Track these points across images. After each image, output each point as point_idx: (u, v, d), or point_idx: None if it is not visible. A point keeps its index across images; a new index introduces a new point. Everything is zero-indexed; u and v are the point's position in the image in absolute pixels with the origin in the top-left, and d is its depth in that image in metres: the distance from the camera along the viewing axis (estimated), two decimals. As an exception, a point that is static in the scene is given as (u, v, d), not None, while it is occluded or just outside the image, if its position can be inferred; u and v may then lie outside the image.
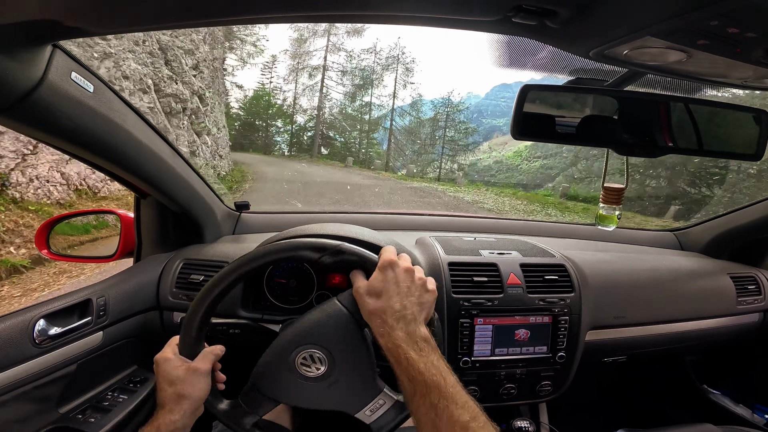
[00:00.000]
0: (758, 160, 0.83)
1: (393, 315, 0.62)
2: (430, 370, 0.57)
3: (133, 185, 1.01)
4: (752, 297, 1.31)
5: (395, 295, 0.63)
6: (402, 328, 0.61)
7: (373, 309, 0.63)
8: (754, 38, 0.44)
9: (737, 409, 1.38)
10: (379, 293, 0.64)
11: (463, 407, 0.55)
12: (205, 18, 0.59)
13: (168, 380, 0.66)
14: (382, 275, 0.65)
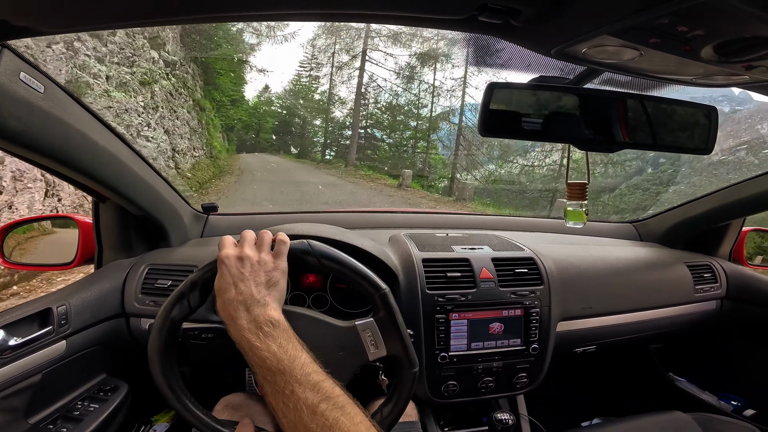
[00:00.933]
0: (708, 154, 0.88)
1: (231, 305, 0.60)
2: (276, 354, 0.55)
3: (90, 189, 0.96)
4: (708, 285, 1.38)
5: (230, 286, 0.61)
6: (243, 316, 0.59)
7: (218, 307, 0.62)
8: (702, 36, 0.46)
9: (703, 396, 1.44)
10: (218, 291, 0.63)
11: (312, 389, 0.52)
12: (160, 17, 0.58)
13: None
14: (219, 273, 0.64)
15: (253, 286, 0.61)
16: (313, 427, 0.50)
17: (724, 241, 1.51)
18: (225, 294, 0.61)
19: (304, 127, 26.42)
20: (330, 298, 1.06)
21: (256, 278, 0.62)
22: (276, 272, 0.65)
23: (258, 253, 0.66)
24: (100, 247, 1.11)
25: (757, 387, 1.39)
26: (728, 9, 0.39)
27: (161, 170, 1.07)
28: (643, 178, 12.95)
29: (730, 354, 1.49)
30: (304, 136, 26.37)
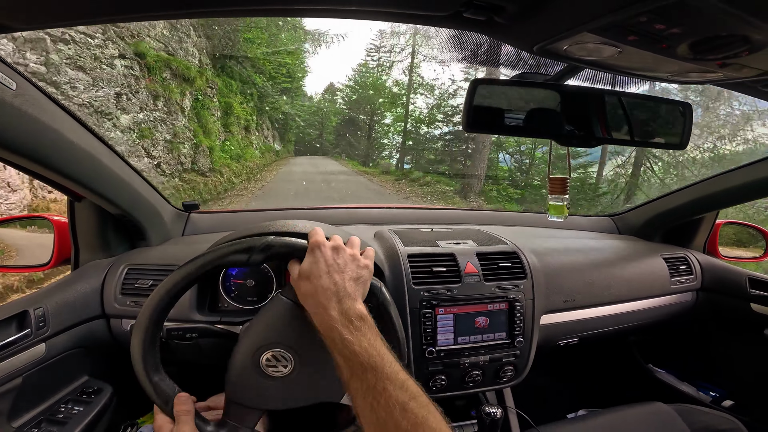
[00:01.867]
0: (684, 149, 0.91)
1: (324, 294, 0.61)
2: (367, 350, 0.56)
3: (65, 188, 0.93)
4: (684, 277, 1.42)
5: (324, 274, 0.62)
6: (335, 307, 0.59)
7: (305, 291, 0.63)
8: (679, 34, 0.48)
9: (682, 387, 1.48)
10: (308, 275, 0.63)
11: (401, 387, 0.53)
12: (137, 12, 0.56)
13: None
14: (311, 257, 0.65)
15: (347, 279, 0.63)
16: (404, 425, 0.50)
17: (699, 233, 1.56)
18: (318, 280, 0.61)
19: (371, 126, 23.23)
20: None
21: (349, 272, 0.64)
22: (365, 271, 0.67)
23: (351, 250, 0.68)
24: (77, 248, 1.08)
25: (734, 378, 1.44)
26: (705, 7, 0.41)
27: (140, 169, 1.05)
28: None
29: (708, 345, 1.54)
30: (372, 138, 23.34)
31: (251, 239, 0.67)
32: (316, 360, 0.66)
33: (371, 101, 23.10)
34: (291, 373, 0.66)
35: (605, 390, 1.76)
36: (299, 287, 0.64)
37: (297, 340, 0.66)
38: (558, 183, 0.97)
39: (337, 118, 27.44)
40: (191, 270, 0.65)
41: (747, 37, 0.47)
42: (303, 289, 0.63)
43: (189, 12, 0.58)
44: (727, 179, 1.28)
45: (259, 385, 0.66)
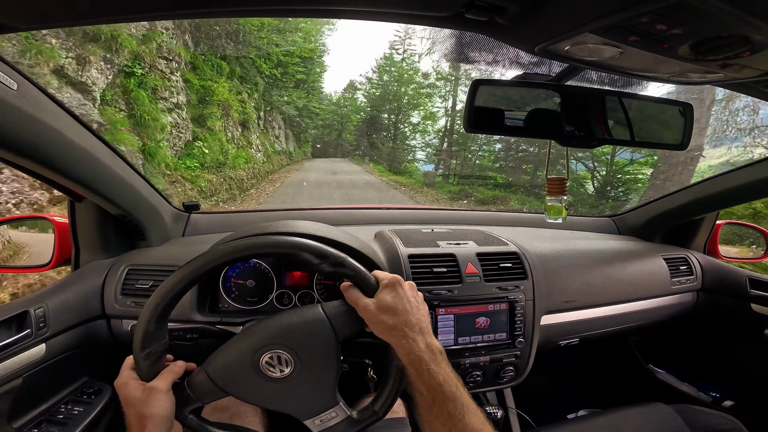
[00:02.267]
0: (684, 149, 0.91)
1: (412, 329, 0.65)
2: (448, 381, 0.61)
3: (66, 188, 0.93)
4: (685, 277, 1.42)
5: (409, 312, 0.66)
6: (422, 341, 0.64)
7: (392, 325, 0.65)
8: (680, 35, 0.48)
9: (683, 387, 1.48)
10: (394, 310, 0.66)
11: (474, 414, 0.59)
12: (137, 13, 0.56)
13: (128, 403, 0.64)
14: (393, 292, 0.68)
15: (424, 315, 0.68)
16: None
17: (699, 234, 1.56)
18: (405, 315, 0.65)
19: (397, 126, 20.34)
20: (316, 295, 1.05)
21: (423, 309, 0.69)
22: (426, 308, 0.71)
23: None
24: (77, 248, 1.08)
25: (735, 378, 1.44)
26: (706, 8, 0.41)
27: (139, 168, 1.04)
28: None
29: (709, 345, 1.54)
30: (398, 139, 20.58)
31: (329, 249, 0.68)
32: (310, 378, 0.67)
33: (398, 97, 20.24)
34: (283, 378, 0.66)
35: (606, 390, 1.76)
36: (381, 320, 0.65)
37: (309, 354, 0.67)
38: (556, 183, 0.97)
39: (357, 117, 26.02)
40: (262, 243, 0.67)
41: (748, 37, 0.48)
42: (389, 322, 0.65)
43: (190, 12, 0.58)
44: (727, 180, 1.28)
45: (244, 374, 0.66)
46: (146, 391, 0.64)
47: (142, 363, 0.65)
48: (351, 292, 0.70)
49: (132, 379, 0.66)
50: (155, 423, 0.63)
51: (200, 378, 0.67)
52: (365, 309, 0.67)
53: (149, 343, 0.65)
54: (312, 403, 0.68)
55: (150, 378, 0.66)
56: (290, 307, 1.05)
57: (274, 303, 1.04)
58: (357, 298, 0.68)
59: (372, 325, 0.67)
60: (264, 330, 0.68)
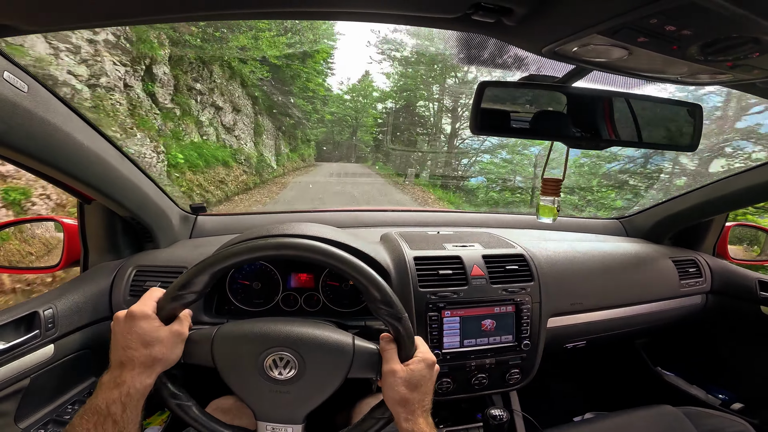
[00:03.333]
0: (694, 151, 0.90)
1: (421, 407, 0.66)
2: None
3: (75, 190, 0.94)
4: (694, 279, 1.41)
5: (428, 393, 0.68)
6: (425, 418, 0.66)
7: (407, 399, 0.65)
8: (689, 35, 0.48)
9: (691, 390, 1.47)
10: (416, 386, 0.66)
11: None
12: (149, 15, 0.57)
13: (144, 341, 0.60)
14: (426, 371, 0.68)
15: (430, 395, 0.69)
16: None
17: (708, 236, 1.54)
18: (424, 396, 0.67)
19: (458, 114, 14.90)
20: (322, 297, 1.05)
21: (433, 387, 0.70)
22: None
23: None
24: (86, 250, 1.09)
25: (744, 380, 1.42)
26: (715, 9, 0.40)
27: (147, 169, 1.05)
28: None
29: (717, 348, 1.52)
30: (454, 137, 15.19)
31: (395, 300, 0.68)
32: (299, 392, 0.67)
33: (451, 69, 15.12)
34: (277, 380, 0.66)
35: (612, 393, 1.74)
36: (398, 389, 0.65)
37: (317, 371, 0.66)
38: (551, 184, 0.96)
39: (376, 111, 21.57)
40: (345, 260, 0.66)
41: (757, 38, 0.47)
42: (404, 394, 0.65)
43: (200, 15, 0.58)
44: (736, 181, 1.27)
45: (244, 361, 0.66)
46: (172, 334, 0.62)
47: (172, 302, 0.63)
48: (388, 348, 0.68)
49: (155, 314, 0.63)
50: (163, 367, 0.62)
51: (204, 337, 0.66)
52: (392, 372, 0.66)
53: (189, 288, 0.63)
54: (282, 412, 0.67)
55: (167, 321, 0.64)
56: (296, 308, 1.05)
57: (280, 305, 1.04)
58: (390, 358, 0.67)
59: (388, 388, 0.66)
60: (289, 329, 0.67)
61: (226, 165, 9.37)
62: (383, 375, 0.67)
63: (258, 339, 0.66)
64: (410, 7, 0.53)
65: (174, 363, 0.64)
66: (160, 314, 0.63)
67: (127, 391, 0.58)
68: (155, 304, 0.64)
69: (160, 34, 7.33)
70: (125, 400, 0.58)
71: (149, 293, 0.66)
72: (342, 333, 0.70)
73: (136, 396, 0.59)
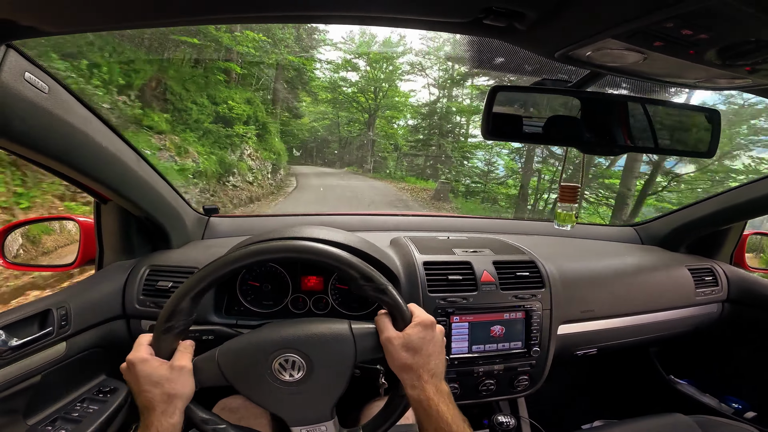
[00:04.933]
0: (711, 157, 0.88)
1: (428, 372, 0.65)
2: (456, 421, 0.62)
3: (92, 190, 0.96)
4: (710, 288, 1.37)
5: (432, 355, 0.66)
6: (433, 384, 0.64)
7: (409, 364, 0.65)
8: (707, 40, 0.47)
9: (704, 399, 1.43)
10: (416, 349, 0.65)
11: None
12: (169, 18, 0.58)
13: (152, 382, 0.62)
14: (423, 332, 0.67)
15: (442, 363, 0.68)
16: None
17: (725, 244, 1.51)
18: (428, 358, 0.66)
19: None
20: (331, 300, 1.06)
21: (443, 354, 0.69)
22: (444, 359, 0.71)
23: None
24: (101, 249, 1.11)
25: (758, 389, 1.39)
26: (733, 12, 0.39)
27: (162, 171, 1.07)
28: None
29: (732, 357, 1.49)
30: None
31: (376, 274, 0.68)
32: (315, 390, 0.67)
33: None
34: (289, 383, 0.66)
35: (623, 401, 1.71)
36: (399, 356, 0.65)
37: (324, 367, 0.67)
38: (569, 191, 0.95)
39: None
40: (320, 251, 0.67)
41: None
42: (406, 360, 0.65)
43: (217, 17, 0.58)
44: (754, 189, 1.24)
45: (251, 368, 0.66)
46: (174, 370, 0.63)
47: (163, 337, 0.65)
48: (381, 320, 0.69)
49: (151, 355, 0.64)
50: (184, 402, 0.63)
51: (209, 362, 0.67)
52: (388, 340, 0.66)
53: (176, 317, 0.64)
54: (308, 412, 0.68)
55: (167, 356, 0.65)
56: (305, 311, 1.05)
57: (289, 307, 1.05)
58: (385, 328, 0.68)
59: (388, 358, 0.66)
60: (286, 332, 0.68)
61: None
62: (382, 345, 0.67)
63: (259, 347, 0.67)
64: (422, 11, 0.53)
65: (192, 395, 0.65)
66: (159, 353, 0.65)
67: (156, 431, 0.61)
68: (148, 347, 0.66)
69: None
70: None
71: (138, 339, 0.67)
72: (339, 322, 0.70)
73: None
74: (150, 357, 0.64)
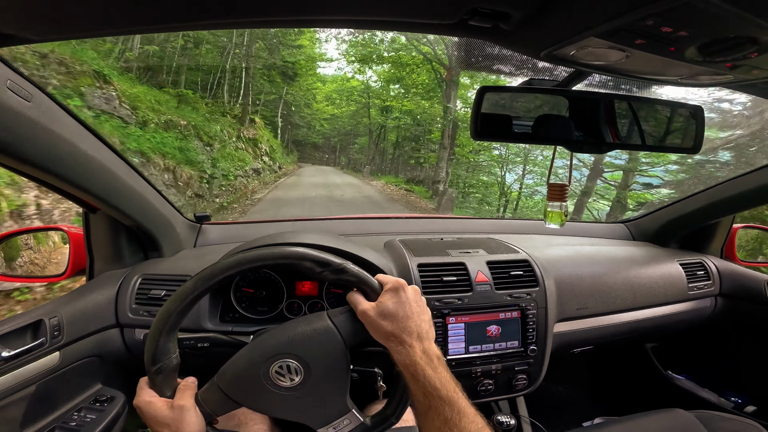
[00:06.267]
0: (696, 153, 0.89)
1: (410, 335, 0.64)
2: (445, 385, 0.60)
3: (80, 200, 0.95)
4: (702, 282, 1.39)
5: (410, 317, 0.65)
6: (418, 347, 0.63)
7: (390, 330, 0.64)
8: (686, 36, 0.47)
9: (703, 393, 1.45)
10: (393, 315, 0.65)
11: (472, 420, 0.58)
12: (155, 24, 0.58)
13: (160, 422, 0.62)
14: (395, 297, 0.66)
15: (425, 321, 0.67)
16: None
17: (715, 238, 1.53)
18: (405, 321, 0.64)
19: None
20: (326, 305, 1.05)
21: (426, 315, 0.68)
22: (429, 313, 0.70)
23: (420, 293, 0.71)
24: (92, 258, 1.10)
25: (756, 383, 1.40)
26: (711, 9, 0.40)
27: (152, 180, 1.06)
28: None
29: (728, 351, 1.50)
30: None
31: (329, 256, 0.68)
32: (320, 387, 0.67)
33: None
34: (293, 387, 0.66)
35: (622, 397, 1.72)
36: (379, 325, 0.65)
37: (318, 362, 0.66)
38: (557, 189, 0.96)
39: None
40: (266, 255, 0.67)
41: (755, 38, 0.47)
42: (387, 328, 0.64)
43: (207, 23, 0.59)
44: (742, 183, 1.26)
45: (254, 384, 0.66)
46: (177, 410, 0.63)
47: (156, 378, 0.65)
48: (352, 296, 0.69)
49: (155, 397, 0.65)
50: None
51: (212, 391, 0.67)
52: (363, 313, 0.66)
53: (161, 358, 0.64)
54: (324, 411, 0.67)
55: (169, 394, 0.65)
56: (300, 316, 1.05)
57: (284, 312, 1.04)
58: (357, 302, 0.68)
59: (370, 330, 0.66)
60: (272, 339, 0.68)
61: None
62: (362, 322, 0.67)
63: (253, 362, 0.67)
64: (408, 13, 0.53)
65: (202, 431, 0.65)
66: (161, 394, 0.65)
67: None
68: (149, 390, 0.66)
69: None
70: None
71: (139, 383, 0.67)
72: (317, 316, 0.70)
73: None
74: (154, 399, 0.64)
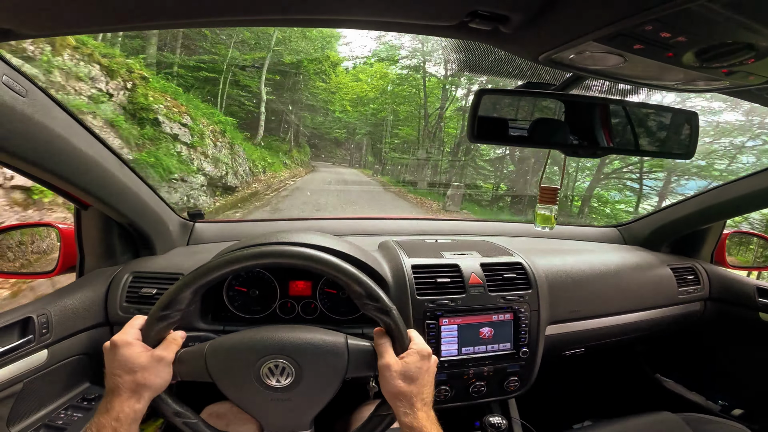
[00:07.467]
0: (690, 158, 0.90)
1: (420, 400, 0.65)
2: None
3: (72, 196, 0.94)
4: (692, 286, 1.41)
5: (426, 385, 0.67)
6: (425, 411, 0.65)
7: (404, 392, 0.65)
8: (684, 42, 0.48)
9: (691, 396, 1.47)
10: (413, 378, 0.66)
11: None
12: (153, 20, 0.57)
13: (126, 368, 0.61)
14: (420, 362, 0.67)
15: (429, 387, 0.68)
16: None
17: (706, 243, 1.55)
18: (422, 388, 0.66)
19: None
20: (319, 305, 1.05)
21: (432, 379, 0.69)
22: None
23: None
24: (82, 255, 1.08)
25: (743, 386, 1.42)
26: (710, 15, 0.40)
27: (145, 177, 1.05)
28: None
29: (717, 354, 1.52)
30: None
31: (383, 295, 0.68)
32: (299, 399, 0.67)
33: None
34: (276, 389, 0.65)
35: (612, 400, 1.73)
36: (395, 383, 0.65)
37: (315, 377, 0.66)
38: (548, 192, 0.96)
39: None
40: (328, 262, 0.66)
41: (751, 44, 0.47)
42: (402, 388, 0.65)
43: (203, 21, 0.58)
44: (733, 189, 1.27)
45: (242, 373, 0.65)
46: (154, 359, 0.62)
47: (155, 324, 0.64)
48: (382, 343, 0.69)
49: (138, 340, 0.64)
50: (152, 393, 0.62)
51: (195, 356, 0.66)
52: (387, 366, 0.66)
53: (173, 305, 0.63)
54: (287, 419, 0.67)
55: (154, 344, 0.64)
56: (293, 316, 1.04)
57: (277, 312, 1.03)
58: (385, 352, 0.68)
59: (384, 383, 0.66)
60: (280, 337, 0.67)
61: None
62: (379, 370, 0.67)
63: (251, 349, 0.66)
64: (408, 15, 0.53)
65: (163, 388, 0.64)
66: (146, 339, 0.64)
67: (116, 416, 0.60)
68: (138, 331, 0.65)
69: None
70: (115, 425, 0.59)
71: (131, 321, 0.67)
72: (335, 334, 0.70)
73: (126, 421, 0.60)
74: (135, 342, 0.63)
